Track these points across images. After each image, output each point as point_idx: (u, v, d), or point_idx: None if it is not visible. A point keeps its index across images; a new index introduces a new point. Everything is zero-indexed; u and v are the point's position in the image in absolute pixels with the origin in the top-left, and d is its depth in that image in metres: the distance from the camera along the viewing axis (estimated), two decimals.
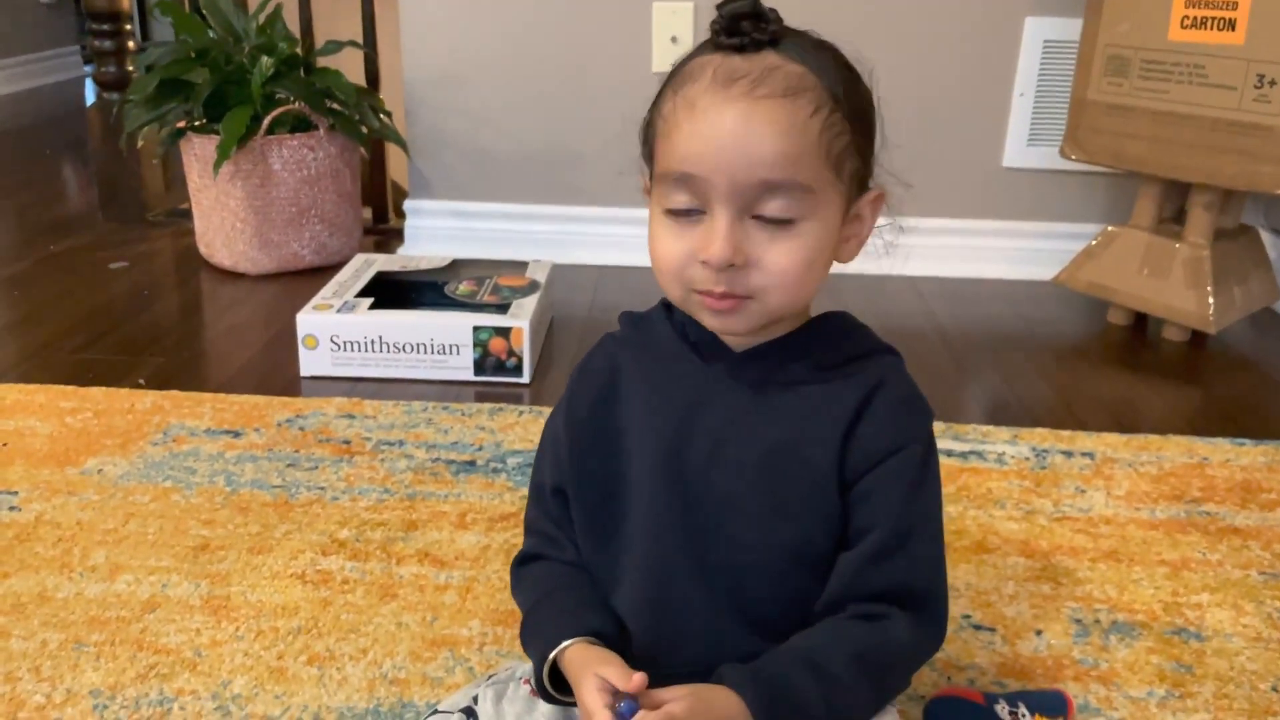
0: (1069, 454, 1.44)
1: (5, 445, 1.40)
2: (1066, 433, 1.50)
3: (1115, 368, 1.80)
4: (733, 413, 0.73)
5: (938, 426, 1.49)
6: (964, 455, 1.43)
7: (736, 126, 0.66)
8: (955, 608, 1.11)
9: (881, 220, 0.75)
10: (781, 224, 0.67)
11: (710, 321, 0.72)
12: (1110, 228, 1.92)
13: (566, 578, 0.79)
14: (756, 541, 0.72)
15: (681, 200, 0.69)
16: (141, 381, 1.63)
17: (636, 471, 0.75)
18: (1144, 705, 0.97)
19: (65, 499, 1.28)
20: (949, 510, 1.29)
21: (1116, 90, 1.80)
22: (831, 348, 0.75)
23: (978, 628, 1.08)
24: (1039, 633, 1.07)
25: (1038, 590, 1.14)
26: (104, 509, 1.25)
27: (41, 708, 0.94)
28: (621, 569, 0.76)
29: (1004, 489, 1.34)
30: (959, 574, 1.16)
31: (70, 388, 1.58)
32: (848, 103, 0.69)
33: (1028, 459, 1.42)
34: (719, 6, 0.68)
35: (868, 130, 0.71)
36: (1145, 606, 1.11)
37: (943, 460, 1.39)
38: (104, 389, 1.58)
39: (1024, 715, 0.89)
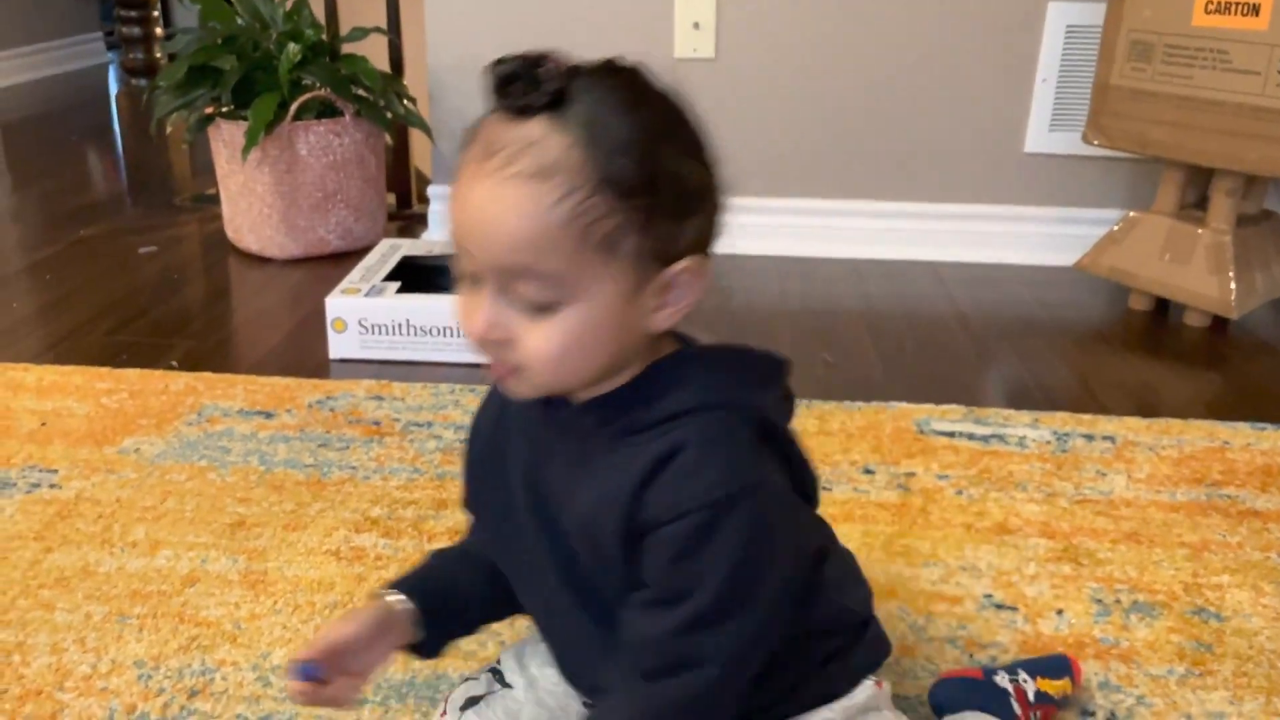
0: (1090, 438, 1.45)
1: (44, 425, 1.43)
2: (1088, 416, 1.51)
3: (1136, 353, 1.81)
4: (565, 466, 0.72)
5: (956, 410, 1.51)
6: (985, 439, 1.44)
7: (483, 207, 0.63)
8: (977, 587, 1.12)
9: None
10: (538, 306, 0.64)
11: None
12: (1132, 213, 1.93)
13: (450, 551, 0.86)
14: (604, 582, 0.71)
15: (463, 265, 0.66)
16: (174, 363, 1.66)
17: (518, 506, 0.76)
18: (1164, 683, 0.99)
19: (104, 477, 1.31)
20: (971, 492, 1.31)
21: (1140, 75, 1.80)
22: (650, 406, 0.69)
23: (999, 607, 1.09)
24: (1060, 612, 1.09)
25: (1059, 571, 1.15)
26: (142, 487, 1.28)
27: (88, 677, 0.97)
28: (526, 600, 0.80)
29: (1025, 472, 1.36)
30: (981, 555, 1.18)
31: (105, 369, 1.61)
32: (633, 177, 0.62)
33: (1049, 442, 1.43)
34: (492, 65, 0.62)
35: (667, 202, 0.64)
36: (1166, 587, 1.13)
37: (964, 444, 1.42)
38: (138, 370, 1.61)
39: (1025, 681, 0.90)
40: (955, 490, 1.31)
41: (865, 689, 0.78)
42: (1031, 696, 0.90)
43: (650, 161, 0.63)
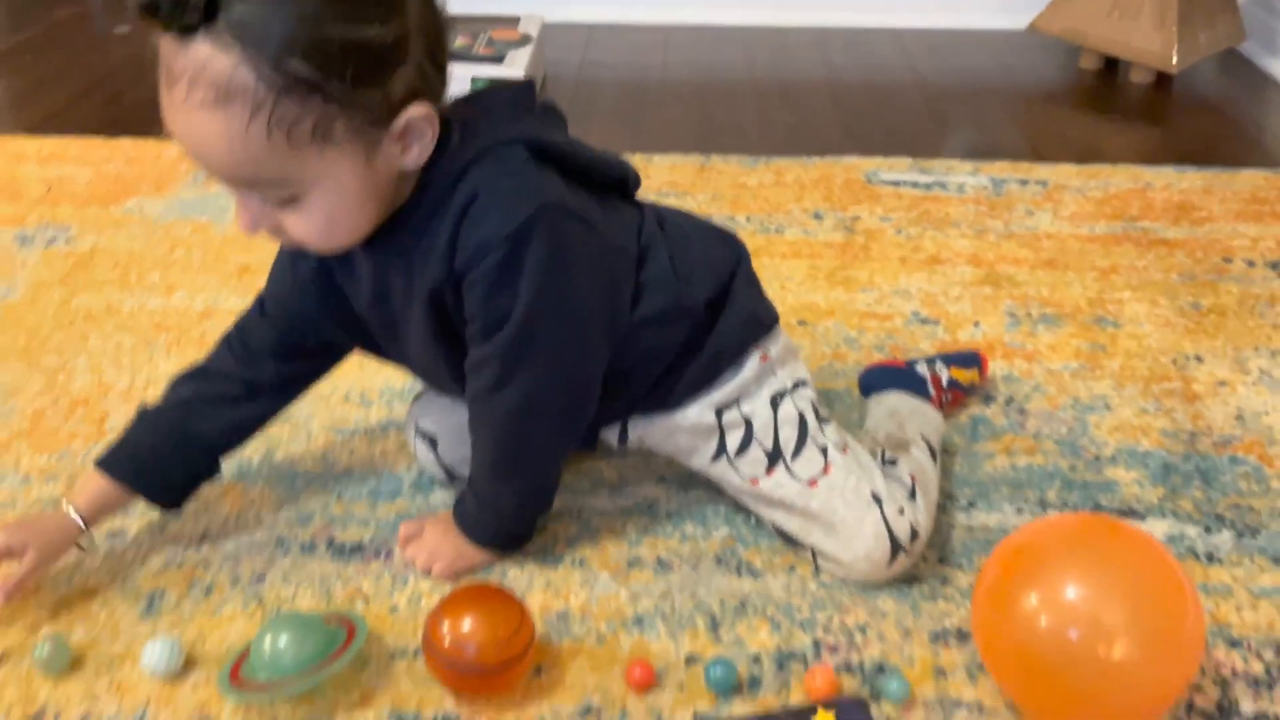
0: (1025, 183, 1.57)
1: (50, 190, 1.53)
2: (1024, 164, 1.63)
3: (1082, 110, 1.90)
4: (398, 272, 0.79)
5: (903, 162, 1.62)
6: (927, 186, 1.56)
7: (186, 138, 0.67)
8: (906, 306, 1.27)
9: None
10: (284, 201, 0.70)
11: None
12: None
13: (178, 396, 0.92)
14: (453, 339, 0.81)
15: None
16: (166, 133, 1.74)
17: (369, 307, 0.84)
18: (1059, 375, 1.14)
19: (114, 232, 1.42)
20: (909, 231, 1.43)
21: None
22: (431, 196, 0.75)
23: (924, 321, 1.24)
24: (976, 324, 1.23)
25: (980, 292, 1.30)
26: (150, 240, 1.40)
27: (127, 390, 1.12)
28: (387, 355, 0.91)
29: (961, 213, 1.48)
30: (913, 282, 1.32)
31: (100, 139, 1.69)
32: (310, 73, 0.64)
33: (985, 188, 1.55)
34: None
35: (359, 74, 0.66)
36: (1073, 303, 1.27)
37: (908, 191, 1.54)
38: (132, 140, 1.69)
39: (940, 369, 1.05)
40: (895, 230, 1.44)
41: (751, 364, 0.88)
42: (945, 382, 1.05)
43: (321, 49, 0.64)
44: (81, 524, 0.85)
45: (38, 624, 0.83)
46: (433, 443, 0.97)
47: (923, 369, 1.05)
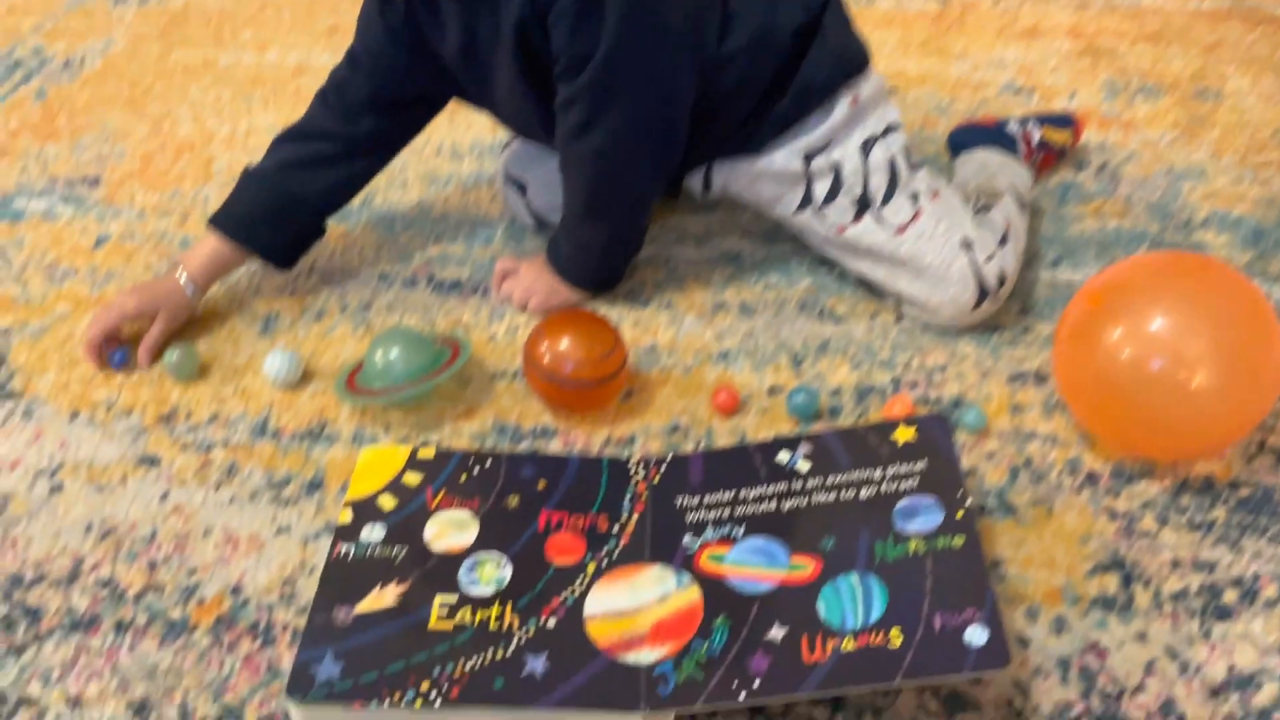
0: None
1: None
2: None
3: None
4: (465, 24, 0.81)
5: None
6: None
7: None
8: (1001, 76, 1.24)
9: None
10: None
11: None
12: None
13: (281, 156, 0.93)
14: (542, 84, 0.82)
15: None
16: None
17: (456, 60, 0.86)
18: (1155, 144, 1.12)
19: None
20: (1007, 3, 1.39)
21: None
22: None
23: (1018, 91, 1.21)
24: (1073, 94, 1.21)
25: (1078, 64, 1.26)
26: None
27: (229, 138, 1.15)
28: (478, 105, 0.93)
29: None
30: (1009, 53, 1.29)
31: None
32: None
33: None
34: None
35: None
36: (1174, 76, 1.24)
37: None
38: None
39: (1033, 128, 1.04)
40: (993, 3, 1.39)
41: (841, 108, 0.87)
42: (1036, 142, 1.04)
43: None
44: (194, 291, 0.90)
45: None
46: (522, 189, 1.00)
47: (1014, 128, 1.04)
